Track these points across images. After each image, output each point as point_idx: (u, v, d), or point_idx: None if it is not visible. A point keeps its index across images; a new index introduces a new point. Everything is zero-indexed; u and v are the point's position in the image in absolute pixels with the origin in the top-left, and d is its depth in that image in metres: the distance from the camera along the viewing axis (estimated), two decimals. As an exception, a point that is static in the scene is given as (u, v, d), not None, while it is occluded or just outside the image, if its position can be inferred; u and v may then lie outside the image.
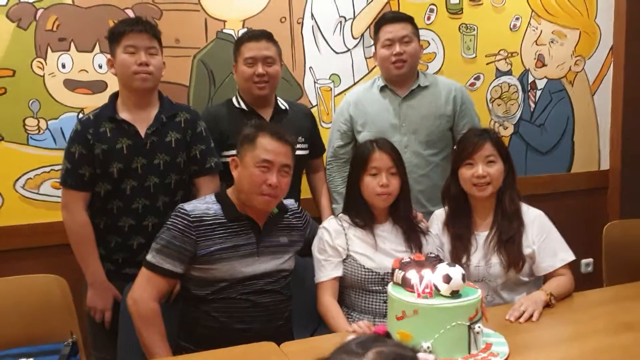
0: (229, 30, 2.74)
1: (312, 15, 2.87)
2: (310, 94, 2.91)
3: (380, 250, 2.01)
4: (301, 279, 2.09)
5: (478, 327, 1.56)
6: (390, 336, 1.18)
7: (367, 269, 1.98)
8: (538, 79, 3.36)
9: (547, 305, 1.89)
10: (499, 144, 2.07)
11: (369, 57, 2.97)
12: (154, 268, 1.84)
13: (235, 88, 2.48)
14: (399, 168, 2.02)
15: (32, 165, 2.54)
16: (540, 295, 1.90)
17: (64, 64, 2.54)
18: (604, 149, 3.58)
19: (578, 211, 3.41)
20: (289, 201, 2.08)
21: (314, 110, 2.87)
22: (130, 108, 2.16)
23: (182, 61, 2.69)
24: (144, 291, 1.83)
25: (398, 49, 2.43)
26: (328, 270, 1.98)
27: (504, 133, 3.30)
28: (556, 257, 2.03)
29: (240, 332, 1.85)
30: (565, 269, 2.03)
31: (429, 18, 3.05)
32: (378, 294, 1.98)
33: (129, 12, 2.58)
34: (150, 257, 1.86)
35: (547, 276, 2.05)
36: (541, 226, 2.06)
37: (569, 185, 3.48)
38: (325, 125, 2.89)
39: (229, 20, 2.75)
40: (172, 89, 2.61)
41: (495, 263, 2.02)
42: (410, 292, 1.60)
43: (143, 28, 2.11)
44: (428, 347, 1.51)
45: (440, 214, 2.19)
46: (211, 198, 1.96)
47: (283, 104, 2.46)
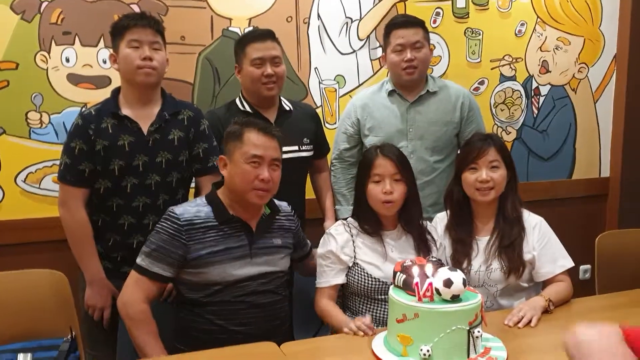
0: (234, 28, 2.75)
1: (319, 16, 2.87)
2: (315, 94, 2.92)
3: (388, 259, 1.98)
4: (304, 281, 2.09)
5: (477, 332, 1.56)
6: None
7: (375, 278, 1.97)
8: (542, 85, 3.36)
9: (546, 311, 1.89)
10: (503, 150, 2.08)
11: (374, 59, 2.97)
12: (143, 271, 1.83)
13: (240, 87, 2.48)
14: (403, 174, 1.99)
15: (34, 159, 2.54)
16: (539, 301, 1.90)
17: (68, 58, 2.54)
18: (604, 157, 3.59)
19: (578, 217, 3.43)
20: (281, 203, 2.07)
21: (318, 111, 2.87)
22: (133, 104, 2.13)
23: (187, 58, 2.69)
24: (133, 294, 1.83)
25: (409, 55, 2.41)
26: (329, 277, 1.97)
27: (507, 138, 3.30)
28: (556, 264, 2.03)
29: (236, 334, 1.84)
30: (564, 275, 2.04)
31: (434, 21, 3.06)
32: (383, 302, 1.97)
33: (135, 8, 2.58)
34: (139, 260, 1.85)
35: (546, 282, 2.05)
36: (542, 232, 2.07)
37: (570, 191, 3.49)
38: (330, 126, 2.90)
39: (235, 18, 2.75)
40: (177, 86, 2.61)
41: (496, 268, 2.02)
42: (411, 296, 1.60)
43: (147, 23, 2.09)
44: (428, 351, 1.52)
45: (442, 217, 2.19)
46: (202, 200, 1.94)
47: (287, 105, 2.44)
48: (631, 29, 3.40)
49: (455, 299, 1.56)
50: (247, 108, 2.36)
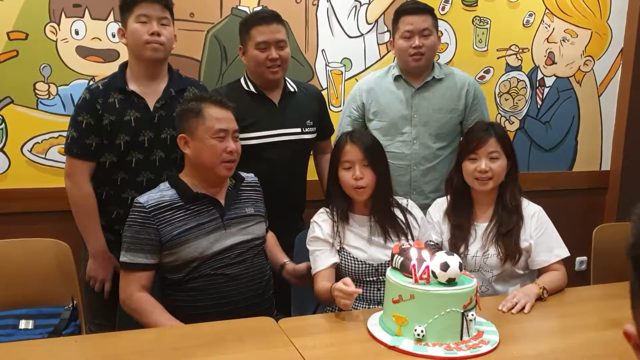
0: (244, 7, 2.75)
1: (328, -2, 2.87)
2: (321, 76, 2.92)
3: (371, 242, 2.01)
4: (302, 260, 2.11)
5: (471, 315, 1.59)
6: None
7: (361, 261, 1.99)
8: (547, 76, 3.36)
9: (539, 299, 1.92)
10: (503, 140, 2.09)
11: (381, 43, 2.97)
12: (128, 266, 1.87)
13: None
14: (371, 160, 1.99)
15: (41, 130, 2.56)
16: (533, 289, 1.93)
17: (77, 31, 2.55)
18: (606, 150, 3.60)
19: (576, 209, 3.45)
20: (248, 174, 2.10)
21: (324, 93, 2.87)
22: (140, 79, 2.14)
23: (196, 35, 2.70)
24: (127, 289, 1.87)
25: (417, 42, 2.41)
26: (322, 260, 1.99)
27: (510, 128, 3.31)
28: (551, 253, 2.06)
29: (222, 306, 1.87)
30: (560, 264, 2.06)
31: (443, 8, 3.06)
32: (372, 284, 2.00)
33: (145, -17, 2.58)
34: (122, 258, 1.89)
35: (541, 270, 2.08)
36: (540, 221, 2.09)
37: (570, 183, 3.51)
38: (334, 108, 2.91)
39: (244, -3, 2.75)
40: (185, 62, 2.62)
41: (492, 254, 2.05)
42: (407, 277, 1.64)
43: None
44: (422, 331, 1.55)
45: (442, 202, 2.21)
46: (165, 185, 1.96)
47: (292, 86, 2.43)
48: (639, 24, 3.38)
49: (451, 282, 1.60)
50: (252, 89, 2.35)
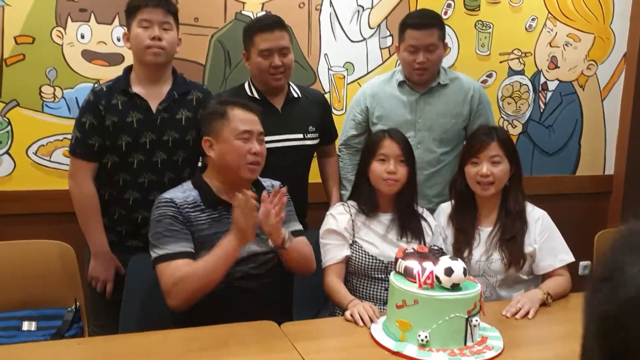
0: (247, 12, 2.76)
1: (331, 3, 2.88)
2: (324, 80, 2.93)
3: (384, 238, 2.05)
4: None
5: (475, 320, 1.59)
6: None
7: (372, 256, 2.02)
8: (550, 80, 3.37)
9: (543, 304, 1.92)
10: (506, 144, 2.09)
11: (383, 48, 2.99)
12: (165, 258, 1.79)
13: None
14: (407, 157, 2.05)
15: (46, 132, 2.58)
16: (537, 294, 1.94)
17: (83, 35, 2.56)
18: (609, 154, 3.60)
19: (580, 213, 3.44)
20: (270, 182, 2.07)
21: (326, 96, 2.89)
22: (143, 82, 2.16)
23: (200, 40, 2.71)
24: (173, 275, 1.76)
25: (422, 58, 2.39)
26: (333, 254, 2.02)
27: (513, 132, 3.32)
28: (556, 258, 2.06)
29: (229, 316, 1.80)
30: (564, 269, 2.07)
31: (445, 13, 3.06)
32: (380, 282, 2.02)
33: (150, -12, 2.60)
34: (156, 255, 1.81)
35: (545, 276, 2.08)
36: (544, 226, 2.09)
37: (573, 187, 3.51)
38: (337, 112, 2.92)
39: (248, 2, 2.76)
40: (189, 66, 2.64)
41: (497, 259, 2.06)
42: (411, 282, 1.64)
43: (158, 3, 2.11)
44: (426, 337, 1.56)
45: (446, 207, 2.22)
46: (188, 185, 1.95)
47: (296, 92, 2.43)
48: (642, 29, 3.41)
49: (455, 287, 1.60)
50: (255, 94, 2.36)
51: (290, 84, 2.44)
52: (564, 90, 3.41)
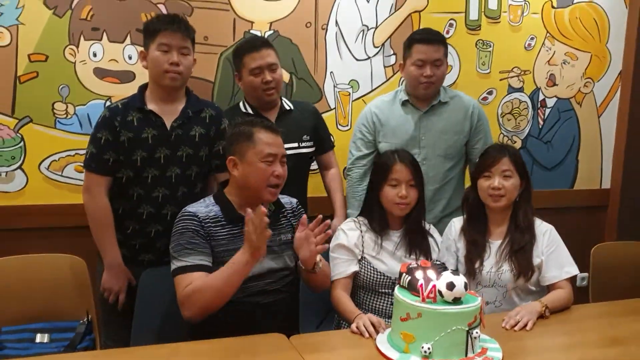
0: (256, 31, 2.83)
1: (337, 22, 2.96)
2: (330, 97, 3.01)
3: (392, 255, 2.12)
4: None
5: (476, 333, 1.65)
6: None
7: (380, 272, 2.10)
8: (548, 97, 3.44)
9: (541, 316, 1.98)
10: (516, 161, 2.18)
11: (387, 66, 3.06)
12: (182, 270, 1.83)
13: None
14: (417, 180, 2.12)
15: (58, 148, 2.64)
16: (535, 306, 2.00)
17: (95, 53, 2.63)
18: (606, 169, 3.67)
19: (578, 227, 3.47)
20: (291, 200, 2.13)
21: (332, 113, 2.98)
22: (158, 101, 2.22)
23: (209, 58, 2.78)
24: (194, 284, 1.80)
25: (429, 71, 2.49)
26: (342, 268, 2.09)
27: (512, 148, 3.38)
28: (562, 270, 2.13)
29: (246, 332, 1.84)
30: (567, 282, 2.13)
31: (447, 32, 3.14)
32: (386, 296, 2.09)
33: (161, 7, 2.67)
34: (175, 266, 1.85)
35: (549, 287, 2.15)
36: (551, 239, 2.17)
37: (571, 201, 3.57)
38: (342, 128, 3.00)
39: (256, 22, 2.84)
40: (198, 83, 2.70)
41: (506, 270, 2.12)
42: (415, 296, 1.70)
43: (178, 28, 2.17)
44: (429, 349, 1.62)
45: (458, 220, 2.29)
46: (210, 200, 1.99)
47: (288, 104, 2.55)
48: (636, 48, 3.47)
49: (456, 301, 1.66)
50: (249, 110, 2.49)
51: (282, 98, 2.55)
52: (562, 107, 3.49)
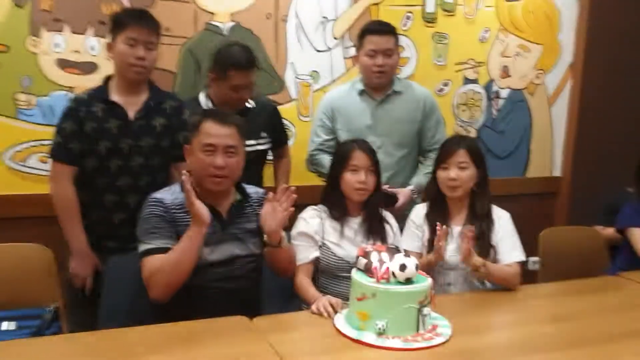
0: (217, 22, 2.88)
1: (297, 14, 3.03)
2: (291, 87, 3.08)
3: (352, 241, 2.21)
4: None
5: (426, 310, 1.76)
6: None
7: (338, 257, 2.18)
8: (502, 88, 3.57)
9: (476, 270, 2.10)
10: (473, 152, 2.28)
11: (347, 57, 3.14)
12: (148, 252, 1.88)
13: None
14: (375, 167, 2.22)
15: (21, 138, 2.65)
16: (477, 258, 2.10)
17: (58, 44, 2.65)
18: (556, 158, 3.83)
19: (530, 213, 3.56)
20: (258, 190, 2.18)
21: (293, 104, 3.05)
22: (122, 92, 2.26)
23: (171, 49, 2.82)
24: (154, 264, 1.86)
25: (380, 61, 2.58)
26: (303, 254, 2.16)
27: (466, 137, 3.50)
28: (511, 254, 2.24)
29: (210, 316, 1.88)
30: (516, 264, 2.24)
31: (405, 25, 3.23)
32: (346, 280, 2.15)
33: (124, 0, 2.70)
34: (142, 249, 1.90)
35: None
36: (505, 225, 2.29)
37: (523, 188, 3.71)
38: (303, 118, 3.08)
39: (217, 13, 2.89)
40: (160, 74, 2.73)
41: None
42: (370, 277, 1.80)
43: (146, 23, 2.21)
44: (382, 326, 1.72)
45: (422, 206, 2.40)
46: (176, 187, 2.03)
47: (249, 102, 2.59)
48: (586, 40, 3.63)
49: (408, 281, 1.76)
50: (211, 106, 2.52)
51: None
52: (515, 98, 3.63)
